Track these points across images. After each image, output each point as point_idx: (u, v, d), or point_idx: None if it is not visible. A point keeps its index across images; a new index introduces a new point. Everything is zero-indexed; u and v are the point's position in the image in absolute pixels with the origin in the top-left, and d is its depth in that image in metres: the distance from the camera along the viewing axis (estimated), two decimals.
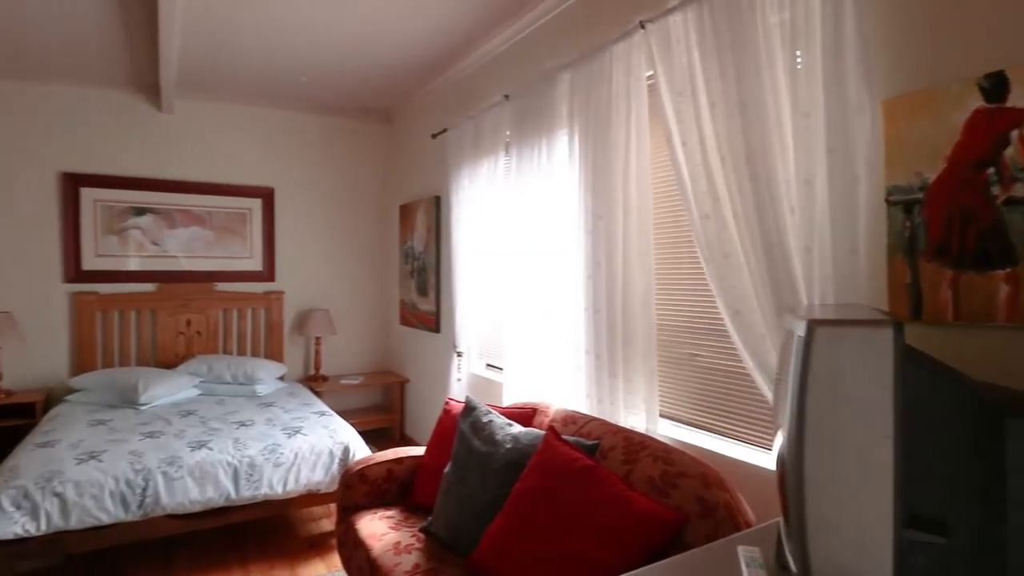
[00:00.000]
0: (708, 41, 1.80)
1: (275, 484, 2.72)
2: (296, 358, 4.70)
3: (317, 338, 4.59)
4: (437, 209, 4.04)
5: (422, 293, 4.26)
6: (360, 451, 2.94)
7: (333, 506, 3.28)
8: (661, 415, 2.17)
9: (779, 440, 1.02)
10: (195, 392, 3.80)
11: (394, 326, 4.88)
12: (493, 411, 2.23)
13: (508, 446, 1.98)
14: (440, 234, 4.01)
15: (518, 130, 2.86)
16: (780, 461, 1.01)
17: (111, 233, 4.10)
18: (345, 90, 4.28)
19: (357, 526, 2.24)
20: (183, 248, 4.32)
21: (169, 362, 4.15)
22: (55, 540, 2.39)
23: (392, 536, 2.11)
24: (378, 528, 2.18)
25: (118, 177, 4.11)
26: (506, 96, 2.97)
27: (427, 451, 2.49)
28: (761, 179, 1.65)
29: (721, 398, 2.06)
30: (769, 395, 1.68)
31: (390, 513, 2.31)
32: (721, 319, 1.81)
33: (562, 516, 1.66)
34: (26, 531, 2.28)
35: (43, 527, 2.31)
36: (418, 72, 3.88)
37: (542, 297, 2.69)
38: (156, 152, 4.24)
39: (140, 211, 4.18)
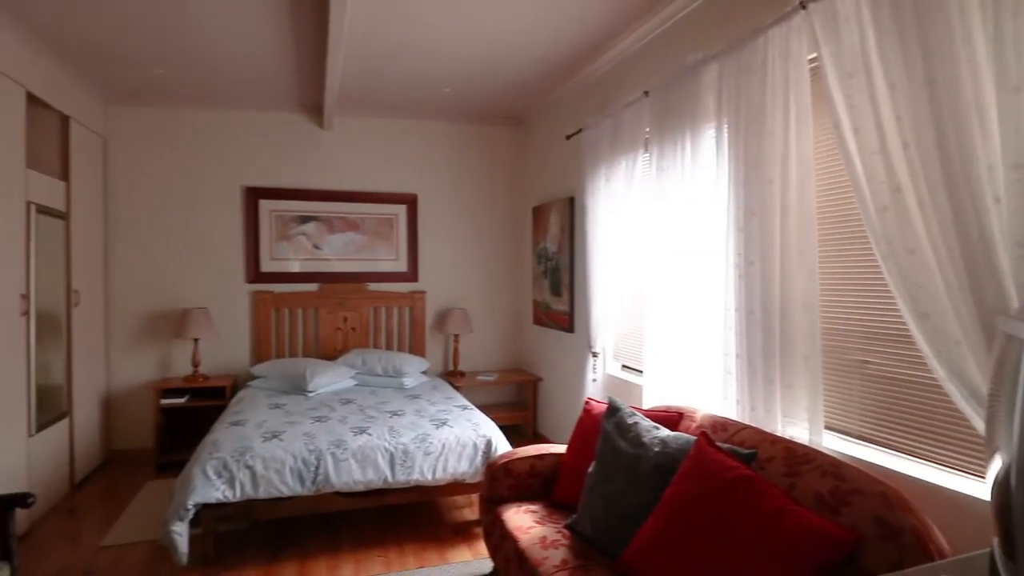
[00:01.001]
0: (885, 16, 1.63)
1: (425, 471, 2.91)
2: (436, 354, 4.98)
3: (455, 335, 4.83)
4: (571, 210, 4.07)
5: (555, 293, 4.32)
6: (502, 445, 3.05)
7: (474, 496, 3.44)
8: (826, 427, 2.01)
9: (999, 463, 0.90)
10: (352, 383, 4.17)
11: (527, 325, 4.99)
12: (637, 413, 2.20)
13: (656, 449, 1.95)
14: (574, 234, 4.04)
15: (659, 126, 2.79)
16: (1002, 488, 0.88)
17: (282, 239, 4.64)
18: (480, 97, 4.46)
19: (503, 517, 2.32)
20: (340, 251, 4.77)
21: (329, 354, 4.61)
22: (247, 507, 2.75)
23: (538, 530, 2.16)
24: (523, 521, 2.25)
25: (288, 189, 4.64)
26: (645, 92, 2.92)
27: (568, 449, 2.52)
28: (955, 165, 1.46)
29: (898, 410, 1.86)
30: (966, 408, 1.48)
31: (534, 507, 2.37)
32: (899, 323, 1.63)
33: (719, 526, 1.59)
34: (225, 497, 2.65)
35: (238, 495, 2.67)
36: (549, 75, 3.94)
37: (686, 298, 2.60)
38: (318, 165, 4.72)
39: (305, 219, 4.69)
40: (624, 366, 3.58)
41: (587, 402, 2.62)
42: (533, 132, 4.90)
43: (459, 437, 3.02)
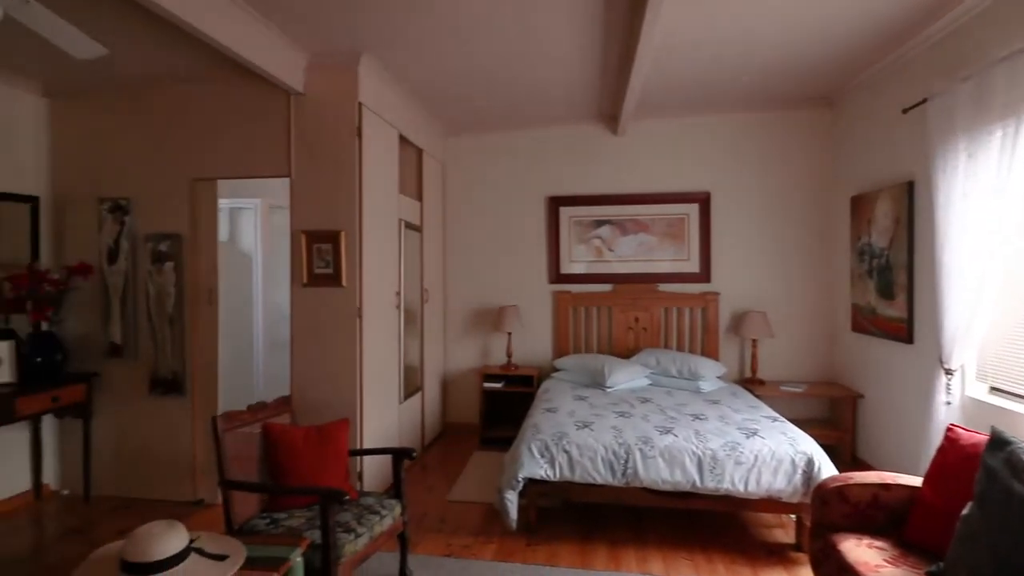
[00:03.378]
0: None
1: (736, 481, 2.77)
2: (731, 358, 4.72)
3: (753, 340, 4.51)
4: (909, 196, 3.41)
5: (885, 296, 3.68)
6: (826, 466, 2.73)
7: (785, 517, 3.16)
8: None
9: None
10: (646, 382, 4.24)
11: (843, 332, 4.38)
12: None
13: None
14: (914, 225, 3.38)
15: None
16: None
17: (580, 243, 4.98)
18: (782, 82, 4.06)
19: (840, 548, 2.07)
20: (632, 253, 4.89)
21: (621, 352, 4.77)
22: (563, 488, 3.02)
23: (889, 571, 1.87)
24: (869, 558, 1.97)
25: (584, 196, 4.96)
26: None
27: (926, 483, 2.12)
28: None
29: None
30: None
31: (880, 544, 2.06)
32: None
33: None
34: (547, 475, 2.95)
35: (557, 475, 2.95)
36: (868, 45, 3.38)
37: None
38: (611, 171, 4.93)
39: (600, 223, 4.94)
40: (994, 388, 2.85)
41: (950, 430, 2.17)
42: (848, 111, 4.27)
43: (774, 450, 2.80)
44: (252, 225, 4.69)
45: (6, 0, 1.76)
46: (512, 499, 2.94)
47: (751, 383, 4.42)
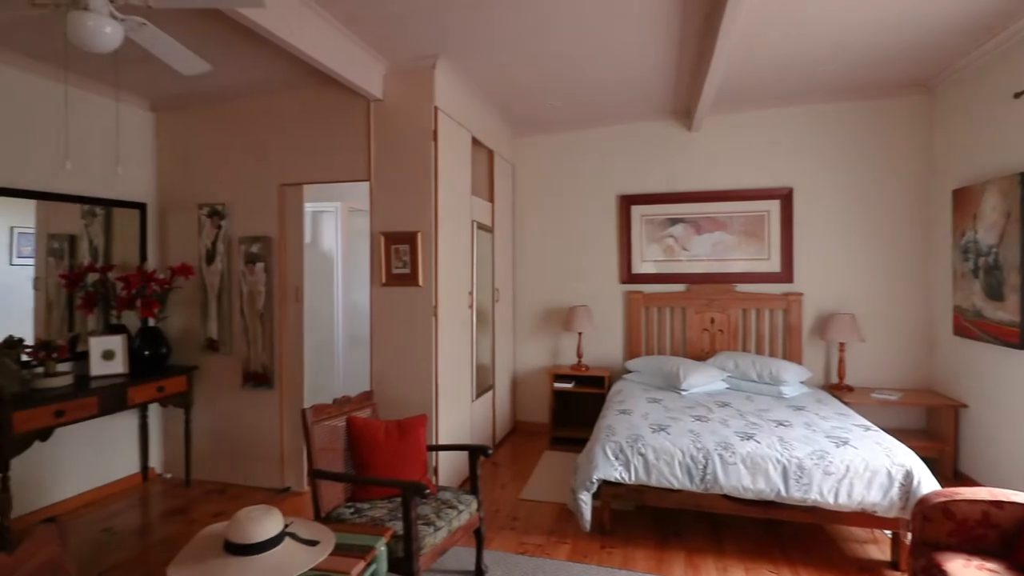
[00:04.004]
0: None
1: (825, 492, 2.63)
2: (815, 363, 4.48)
3: (840, 344, 4.26)
4: (1022, 188, 3.12)
5: (993, 297, 3.38)
6: (926, 480, 2.54)
7: (879, 532, 2.98)
8: None
9: None
10: (723, 385, 4.10)
11: (943, 337, 4.05)
12: None
13: None
14: None
15: None
16: None
17: (652, 242, 4.88)
18: (873, 69, 3.81)
19: (946, 568, 1.92)
20: (707, 252, 4.74)
21: (696, 355, 4.63)
22: (638, 491, 2.97)
23: None
24: None
25: (656, 194, 4.85)
26: None
27: None
28: None
29: None
30: None
31: (992, 566, 1.90)
32: None
33: None
34: (621, 477, 2.92)
35: (632, 478, 2.90)
36: (977, 24, 3.10)
37: None
38: (685, 168, 4.80)
39: (674, 221, 4.82)
40: None
41: None
42: (950, 97, 3.94)
43: (867, 461, 2.63)
44: (333, 227, 4.91)
45: (126, 23, 1.93)
46: (586, 500, 2.92)
47: (838, 389, 4.18)
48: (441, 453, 3.51)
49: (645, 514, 3.32)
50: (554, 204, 5.17)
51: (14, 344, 3.10)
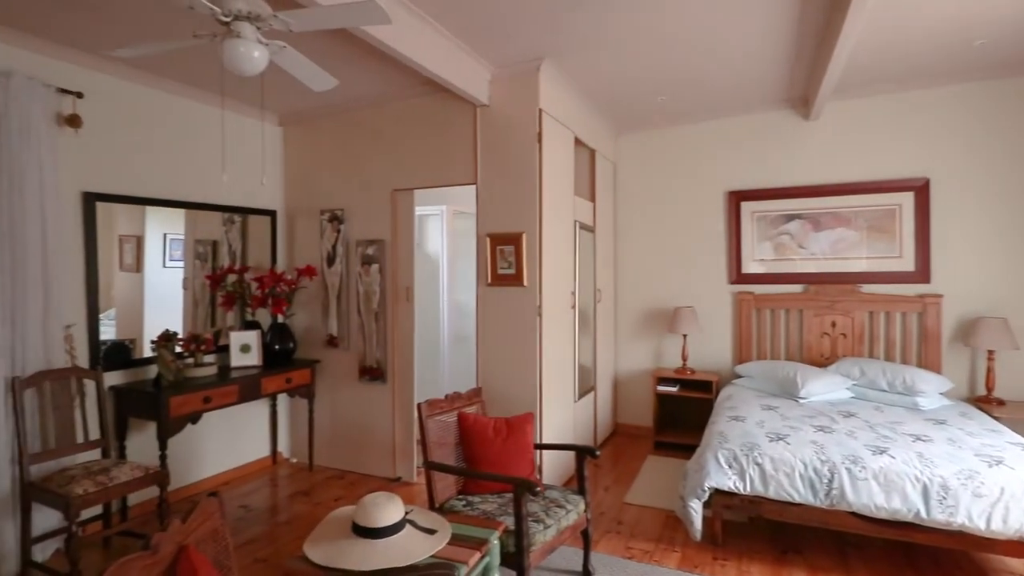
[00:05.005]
0: None
1: (975, 517, 2.36)
2: (956, 372, 4.02)
3: (989, 352, 3.79)
4: None
5: None
6: None
7: None
8: None
9: None
10: (847, 394, 3.79)
11: None
12: None
13: None
14: None
15: None
16: None
17: (764, 240, 4.61)
18: None
19: None
20: (828, 250, 4.41)
21: (814, 360, 4.32)
22: (753, 502, 2.82)
23: None
24: None
25: (769, 189, 4.58)
26: None
27: None
28: None
29: None
30: None
31: None
32: None
33: None
34: (735, 487, 2.79)
35: (747, 488, 2.77)
36: None
37: None
38: (802, 160, 4.49)
39: (789, 218, 4.53)
40: None
41: None
42: None
43: None
44: (439, 230, 5.10)
45: (271, 47, 2.13)
46: (696, 508, 2.82)
47: (986, 403, 3.73)
48: (544, 452, 3.54)
49: (759, 527, 3.15)
50: (657, 202, 5.04)
51: (170, 337, 3.50)
